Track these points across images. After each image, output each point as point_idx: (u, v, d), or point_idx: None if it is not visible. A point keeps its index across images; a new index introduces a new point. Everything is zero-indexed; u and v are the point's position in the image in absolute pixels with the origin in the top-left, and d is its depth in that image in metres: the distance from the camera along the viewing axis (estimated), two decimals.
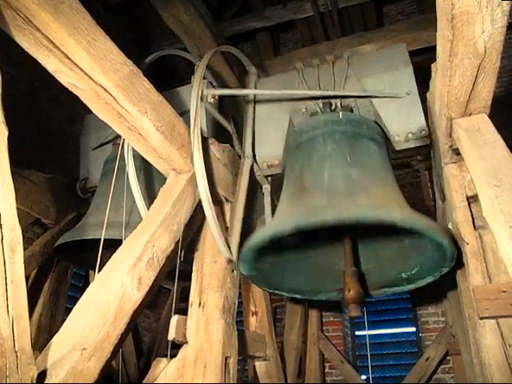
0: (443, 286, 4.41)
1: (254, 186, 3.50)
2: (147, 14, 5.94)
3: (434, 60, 2.39)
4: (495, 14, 1.78)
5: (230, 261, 2.91)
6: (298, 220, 2.45)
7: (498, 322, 2.11)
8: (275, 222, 2.81)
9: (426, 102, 3.01)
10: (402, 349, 6.25)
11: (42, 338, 3.82)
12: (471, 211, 2.53)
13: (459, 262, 2.54)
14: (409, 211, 2.49)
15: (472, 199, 2.53)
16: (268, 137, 3.52)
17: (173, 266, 2.57)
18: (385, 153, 3.07)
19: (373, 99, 3.25)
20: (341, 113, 3.15)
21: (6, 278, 1.45)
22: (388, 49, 3.79)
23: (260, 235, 2.60)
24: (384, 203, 2.48)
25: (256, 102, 3.72)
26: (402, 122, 3.15)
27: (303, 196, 2.72)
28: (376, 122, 3.22)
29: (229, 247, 2.87)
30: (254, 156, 3.46)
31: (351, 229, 3.02)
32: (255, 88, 3.88)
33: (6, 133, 1.57)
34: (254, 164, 3.42)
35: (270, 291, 3.20)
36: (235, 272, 3.01)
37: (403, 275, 2.94)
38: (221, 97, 3.58)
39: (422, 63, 3.06)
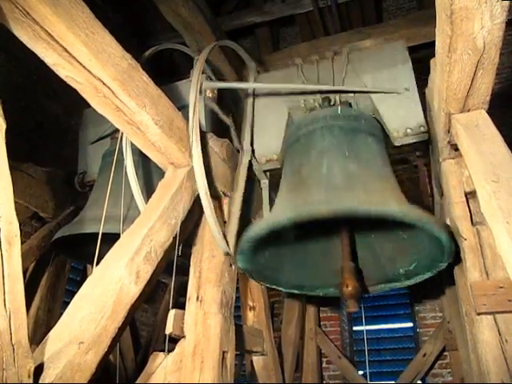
0: (441, 282, 4.42)
1: (252, 181, 3.49)
2: (146, 8, 5.91)
3: (433, 56, 2.39)
4: (494, 10, 1.77)
5: (227, 254, 2.90)
6: (295, 213, 2.47)
7: (495, 317, 2.12)
8: (272, 215, 2.82)
9: (424, 98, 3.01)
10: (399, 344, 6.27)
11: (39, 332, 3.81)
12: (469, 207, 2.53)
13: (457, 258, 2.54)
14: (406, 205, 2.49)
15: (470, 195, 2.54)
16: (267, 131, 3.50)
17: (171, 260, 2.57)
18: (383, 148, 3.07)
19: (372, 95, 3.24)
20: (339, 107, 3.14)
21: (3, 271, 1.45)
22: (387, 45, 3.80)
23: (257, 227, 2.62)
24: (381, 197, 2.50)
25: (255, 96, 3.69)
26: (401, 118, 3.13)
27: (301, 190, 2.74)
28: (375, 118, 3.20)
29: (226, 241, 2.87)
30: (253, 151, 3.44)
31: (349, 223, 3.02)
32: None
33: (3, 126, 1.57)
34: (253, 159, 3.40)
35: (267, 285, 3.21)
36: (233, 266, 3.00)
37: (401, 271, 2.94)
38: (220, 91, 3.57)
39: (421, 59, 3.06)
